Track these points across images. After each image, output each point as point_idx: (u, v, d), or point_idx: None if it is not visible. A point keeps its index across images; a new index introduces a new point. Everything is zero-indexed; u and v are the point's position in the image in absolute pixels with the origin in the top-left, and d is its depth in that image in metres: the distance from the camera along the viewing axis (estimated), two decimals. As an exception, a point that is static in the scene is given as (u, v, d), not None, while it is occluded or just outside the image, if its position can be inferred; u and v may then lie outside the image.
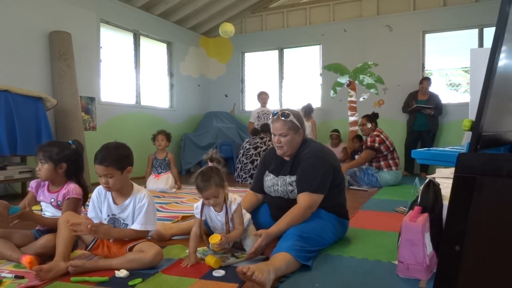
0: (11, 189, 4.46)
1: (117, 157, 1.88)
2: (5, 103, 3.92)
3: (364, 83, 6.59)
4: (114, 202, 1.97)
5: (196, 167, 7.26)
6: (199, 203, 2.08)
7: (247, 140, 5.75)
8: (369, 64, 6.57)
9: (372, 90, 6.62)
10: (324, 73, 7.09)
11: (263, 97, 6.64)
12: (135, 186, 2.02)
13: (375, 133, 4.95)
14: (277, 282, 1.68)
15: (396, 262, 1.85)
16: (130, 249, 1.93)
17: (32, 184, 2.22)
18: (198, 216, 2.07)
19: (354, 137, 6.18)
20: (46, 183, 2.21)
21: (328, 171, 2.18)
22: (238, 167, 5.69)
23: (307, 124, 5.92)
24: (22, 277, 1.78)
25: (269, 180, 2.33)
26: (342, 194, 2.35)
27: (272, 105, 7.47)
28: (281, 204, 2.17)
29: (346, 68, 6.71)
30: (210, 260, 1.88)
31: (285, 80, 7.66)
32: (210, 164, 2.05)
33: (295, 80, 7.59)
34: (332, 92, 6.89)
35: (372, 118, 5.11)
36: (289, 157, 2.29)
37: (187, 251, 2.11)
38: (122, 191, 1.97)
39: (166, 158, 4.71)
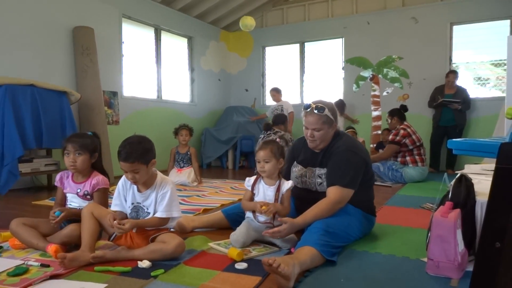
0: (37, 181, 4.56)
1: (142, 152, 1.86)
2: (31, 97, 4.00)
3: (388, 77, 6.45)
4: (138, 190, 1.98)
5: (217, 161, 7.28)
6: (252, 177, 2.17)
7: (261, 136, 5.60)
8: (393, 58, 6.42)
9: (396, 84, 6.47)
10: (346, 67, 6.97)
11: (272, 93, 6.65)
12: (159, 175, 2.02)
13: (400, 126, 4.83)
14: (301, 276, 1.64)
15: (425, 259, 1.78)
16: (152, 240, 1.93)
17: (57, 178, 2.25)
18: (249, 188, 2.14)
19: (384, 129, 6.03)
20: (70, 174, 2.23)
21: (360, 166, 2.12)
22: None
23: (340, 119, 5.88)
24: (48, 266, 1.80)
25: (297, 171, 2.29)
26: (371, 190, 2.29)
27: (293, 99, 7.41)
28: (308, 196, 2.12)
29: (369, 61, 6.58)
30: (233, 252, 1.85)
31: (306, 74, 7.57)
32: (278, 140, 2.12)
33: (317, 74, 7.49)
34: (354, 86, 6.78)
35: (397, 112, 4.97)
36: (319, 149, 2.23)
37: (210, 244, 2.10)
38: (147, 182, 1.97)
39: (188, 153, 4.71)
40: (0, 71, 4.04)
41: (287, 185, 2.10)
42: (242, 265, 1.77)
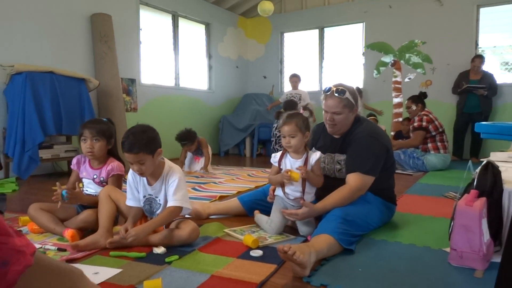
0: (58, 167, 4.64)
1: (146, 142, 1.77)
2: (50, 84, 4.04)
3: (410, 62, 6.24)
4: (148, 183, 1.92)
5: (234, 149, 7.27)
6: (278, 153, 2.11)
7: (275, 126, 5.49)
8: (416, 42, 6.20)
9: (419, 70, 6.26)
10: (367, 52, 6.80)
11: (293, 80, 6.43)
12: (167, 164, 1.94)
13: (422, 112, 4.68)
14: (318, 265, 1.59)
15: (447, 250, 1.71)
16: (167, 226, 1.92)
17: (74, 161, 2.26)
18: (275, 164, 2.09)
19: (405, 119, 5.87)
20: (87, 159, 2.23)
21: (382, 153, 2.05)
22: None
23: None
24: (64, 250, 1.81)
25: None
26: (392, 178, 2.21)
27: (312, 86, 7.29)
28: (326, 183, 2.06)
29: (390, 46, 6.38)
30: (248, 239, 1.82)
31: (325, 61, 7.43)
32: (302, 111, 2.06)
33: (336, 60, 7.33)
34: (375, 72, 6.60)
35: (418, 99, 4.82)
36: (339, 135, 2.17)
37: (225, 230, 2.08)
38: (154, 173, 1.90)
39: (199, 146, 4.53)
40: (20, 59, 4.09)
41: (315, 156, 2.02)
42: (257, 253, 1.74)
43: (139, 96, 5.70)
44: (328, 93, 2.08)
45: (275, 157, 2.12)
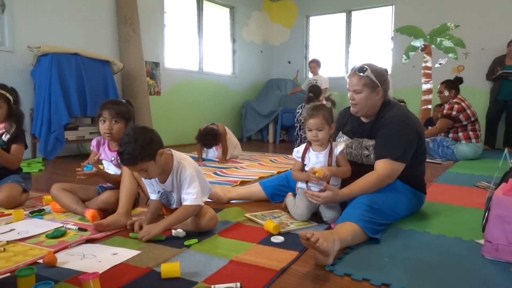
0: (83, 149, 4.71)
1: (140, 151, 1.61)
2: (75, 66, 4.07)
3: (442, 47, 5.98)
4: (160, 180, 1.82)
5: (257, 135, 7.21)
6: (301, 146, 2.05)
7: (299, 111, 5.31)
8: (448, 26, 5.93)
9: (450, 55, 6.00)
10: (396, 36, 6.54)
11: (312, 65, 6.29)
12: (175, 159, 1.78)
13: (454, 100, 4.45)
14: (341, 253, 1.53)
15: (481, 242, 1.61)
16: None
17: (93, 143, 2.24)
18: (299, 159, 2.02)
19: (437, 105, 5.65)
20: (106, 141, 2.22)
21: (413, 138, 1.94)
22: (298, 140, 5.44)
23: None
24: (85, 230, 1.81)
25: (343, 141, 2.14)
26: (422, 166, 2.10)
27: (338, 72, 7.11)
28: (353, 169, 1.98)
29: (421, 30, 6.12)
30: (269, 225, 1.77)
31: (352, 46, 7.21)
32: (324, 102, 2.04)
33: (363, 45, 7.10)
34: (404, 57, 6.37)
35: (452, 84, 4.58)
36: (368, 119, 2.06)
37: (246, 215, 2.03)
38: (163, 170, 1.78)
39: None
40: (46, 41, 4.12)
41: (340, 147, 1.97)
42: (278, 239, 1.68)
43: (162, 80, 5.70)
44: (352, 71, 2.02)
45: (298, 152, 2.05)
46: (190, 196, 1.73)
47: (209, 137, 4.01)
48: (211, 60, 6.74)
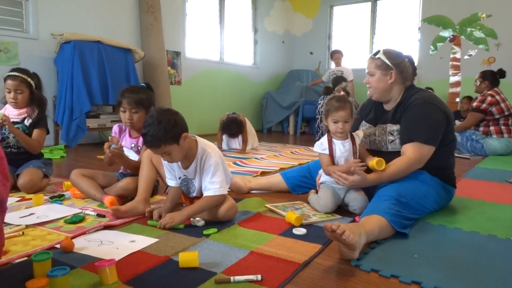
0: (104, 137, 4.73)
1: (164, 133, 1.57)
2: (97, 53, 4.07)
3: (472, 37, 5.74)
4: (182, 166, 1.78)
5: (278, 126, 7.13)
6: (323, 139, 1.96)
7: (320, 102, 5.19)
8: (479, 16, 5.68)
9: (481, 46, 5.76)
10: (423, 27, 6.32)
11: (337, 56, 6.01)
12: (200, 145, 1.74)
13: (489, 92, 4.22)
14: (367, 247, 1.45)
15: (519, 240, 1.51)
16: (206, 198, 1.84)
17: (115, 129, 2.22)
18: (326, 152, 1.92)
19: (464, 97, 5.43)
20: (128, 128, 2.19)
21: (442, 119, 1.83)
22: (318, 132, 5.34)
23: None
24: (103, 216, 1.79)
25: (366, 130, 2.05)
26: (452, 156, 1.98)
27: (361, 63, 6.93)
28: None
29: (450, 20, 5.89)
30: (291, 216, 1.71)
31: (377, 36, 7.01)
32: (342, 93, 2.00)
33: (389, 36, 6.89)
34: (431, 48, 6.15)
35: (488, 76, 4.34)
36: (390, 105, 1.98)
37: (267, 205, 1.97)
38: (187, 155, 1.74)
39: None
40: (69, 28, 4.13)
41: (360, 134, 1.95)
42: (300, 231, 1.61)
43: (183, 69, 5.67)
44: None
45: (322, 145, 1.95)
46: (214, 185, 1.69)
47: (233, 126, 3.96)
48: (232, 50, 6.67)
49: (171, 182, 1.83)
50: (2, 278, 0.86)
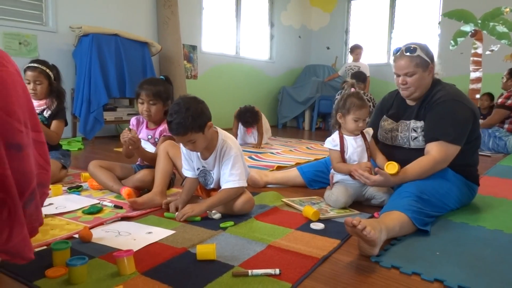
0: (120, 130, 4.75)
1: (192, 120, 1.56)
2: (115, 46, 4.10)
3: (495, 32, 5.58)
4: (202, 157, 1.77)
5: (293, 122, 7.08)
6: (334, 135, 1.95)
7: (338, 97, 5.08)
8: (502, 10, 5.51)
9: (503, 41, 5.60)
10: (443, 21, 6.17)
11: (358, 51, 5.84)
12: (220, 137, 1.74)
13: (515, 89, 4.11)
14: (387, 244, 1.42)
15: (545, 239, 1.45)
16: (223, 192, 1.82)
17: (133, 121, 2.23)
18: (337, 148, 1.91)
19: (484, 94, 5.30)
20: (145, 120, 2.20)
21: (468, 119, 1.77)
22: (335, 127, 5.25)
23: None
24: (121, 207, 1.80)
25: (387, 125, 2.00)
26: (476, 154, 1.92)
27: (379, 59, 6.83)
28: (397, 155, 1.85)
29: (472, 14, 5.74)
30: (308, 211, 1.68)
31: (395, 31, 6.88)
32: (354, 89, 1.98)
33: (408, 30, 6.75)
34: (452, 43, 6.01)
35: None
36: (415, 101, 1.92)
37: (283, 200, 1.95)
38: (207, 146, 1.73)
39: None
40: (87, 21, 4.16)
41: (370, 131, 1.94)
42: (318, 225, 1.59)
43: (199, 63, 5.67)
44: (398, 53, 1.86)
45: (334, 141, 1.93)
46: (233, 177, 1.68)
47: (249, 114, 3.95)
48: (248, 44, 6.64)
49: (188, 173, 1.82)
50: (23, 265, 0.89)
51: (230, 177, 1.68)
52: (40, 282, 1.08)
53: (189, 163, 1.82)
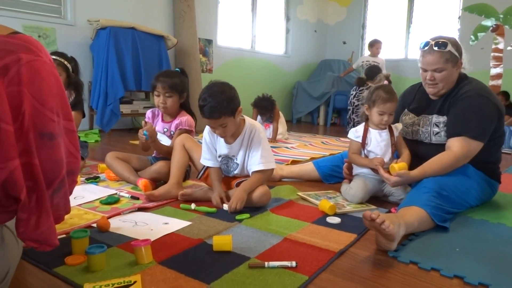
0: (136, 123, 4.82)
1: (227, 104, 1.60)
2: (132, 40, 4.12)
3: (517, 27, 5.43)
4: (226, 142, 1.79)
5: (307, 117, 7.04)
6: (359, 126, 1.94)
7: (353, 93, 5.06)
8: (526, 4, 5.37)
9: (526, 36, 5.45)
10: (463, 15, 6.03)
11: (378, 45, 5.73)
12: (247, 121, 1.80)
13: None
14: (405, 239, 1.40)
15: None
16: (238, 185, 1.82)
17: (148, 114, 2.24)
18: (358, 140, 1.90)
19: (500, 93, 5.18)
20: (160, 113, 2.21)
21: (494, 114, 1.73)
22: (350, 124, 5.23)
23: None
24: (137, 198, 1.81)
25: (408, 119, 1.97)
26: (499, 151, 1.88)
27: (396, 54, 6.73)
28: (418, 150, 1.82)
29: (493, 8, 5.60)
30: (325, 205, 1.67)
31: (413, 26, 6.75)
32: (385, 82, 1.93)
33: (427, 25, 6.62)
34: (472, 38, 5.87)
35: None
36: (440, 96, 1.87)
37: (299, 193, 1.95)
38: (234, 131, 1.77)
39: (271, 114, 4.15)
40: (104, 14, 4.19)
41: (399, 126, 1.89)
42: (334, 220, 1.58)
43: (215, 57, 5.67)
44: (426, 48, 1.77)
45: (356, 132, 1.92)
46: (264, 159, 1.73)
47: (265, 103, 3.98)
48: (264, 38, 6.61)
49: (209, 162, 1.84)
50: (43, 253, 0.91)
51: (261, 159, 1.72)
52: (60, 269, 1.10)
53: (210, 152, 1.83)
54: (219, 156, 1.83)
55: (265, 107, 4.02)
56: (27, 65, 0.79)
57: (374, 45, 5.77)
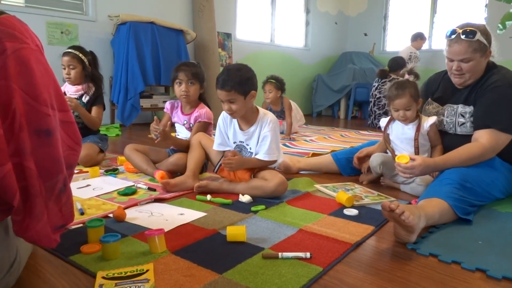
0: (157, 116, 4.86)
1: (239, 80, 1.68)
2: (151, 34, 4.15)
3: (549, 14, 5.18)
4: (240, 128, 1.84)
5: (328, 111, 6.95)
6: (387, 118, 1.97)
7: (375, 85, 4.97)
8: (558, -10, 5.11)
9: (558, 24, 5.19)
10: (491, 3, 5.80)
11: (423, 41, 5.80)
12: (261, 111, 1.84)
13: None
14: (425, 232, 1.35)
15: None
16: (255, 176, 1.82)
17: (167, 105, 2.26)
18: (382, 128, 1.98)
19: None
20: (179, 104, 2.22)
21: None
22: (371, 117, 5.13)
23: None
24: (154, 190, 1.83)
25: (432, 108, 1.90)
26: None
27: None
28: (443, 141, 1.76)
29: (523, -5, 5.35)
30: (342, 196, 1.64)
31: (438, 16, 6.55)
32: (407, 76, 1.89)
33: (451, 15, 6.42)
34: (499, 27, 5.61)
35: None
36: (467, 86, 1.80)
37: (316, 185, 1.92)
38: (247, 118, 1.82)
39: (283, 108, 3.86)
40: (124, 9, 4.23)
41: (430, 120, 1.81)
42: (351, 211, 1.54)
43: (234, 51, 5.65)
44: (453, 37, 1.68)
45: (383, 122, 1.99)
46: (271, 151, 1.78)
47: (275, 76, 3.83)
48: (283, 32, 6.54)
49: (221, 147, 1.90)
50: (60, 242, 0.90)
51: (268, 150, 1.78)
52: (75, 257, 1.11)
53: (223, 139, 1.90)
54: (234, 143, 1.88)
55: (275, 78, 3.78)
56: (13, 55, 0.71)
57: (422, 39, 5.81)
